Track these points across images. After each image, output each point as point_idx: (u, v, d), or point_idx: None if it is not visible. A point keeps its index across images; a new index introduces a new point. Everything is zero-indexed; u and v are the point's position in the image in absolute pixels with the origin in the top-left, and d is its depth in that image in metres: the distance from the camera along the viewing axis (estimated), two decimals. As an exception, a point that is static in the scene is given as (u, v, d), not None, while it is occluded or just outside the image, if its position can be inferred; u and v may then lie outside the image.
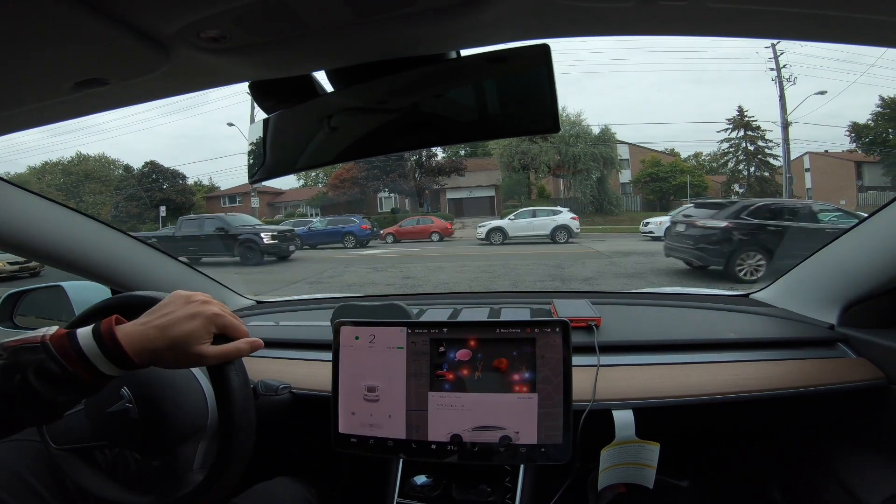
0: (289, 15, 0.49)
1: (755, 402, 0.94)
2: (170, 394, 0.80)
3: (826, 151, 24.18)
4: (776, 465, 1.21)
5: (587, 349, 1.02)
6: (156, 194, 25.22)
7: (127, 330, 0.63)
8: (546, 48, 0.52)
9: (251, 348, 0.72)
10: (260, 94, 0.68)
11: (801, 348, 1.06)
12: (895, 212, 0.94)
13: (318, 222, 17.17)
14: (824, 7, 0.47)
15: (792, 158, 19.21)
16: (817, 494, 1.08)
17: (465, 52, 0.59)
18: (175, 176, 26.67)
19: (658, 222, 13.90)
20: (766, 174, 23.83)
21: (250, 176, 0.73)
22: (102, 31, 0.47)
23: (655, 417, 0.94)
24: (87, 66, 0.55)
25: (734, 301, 1.37)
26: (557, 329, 0.85)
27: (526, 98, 0.55)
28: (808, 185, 24.46)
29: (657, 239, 13.30)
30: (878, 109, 23.17)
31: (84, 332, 0.61)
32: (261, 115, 0.71)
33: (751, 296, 1.38)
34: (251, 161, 0.74)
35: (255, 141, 0.72)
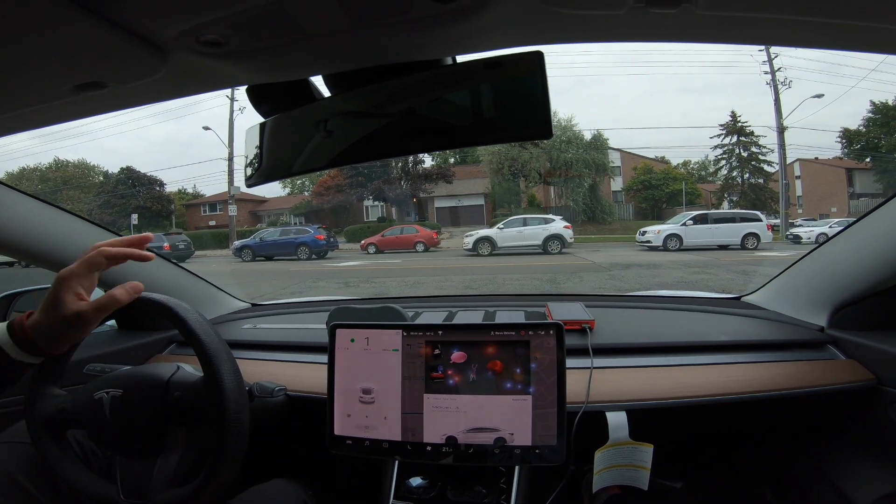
0: (287, 20, 0.49)
1: (747, 404, 0.95)
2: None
3: (816, 158, 24.14)
4: (768, 466, 1.22)
5: (581, 351, 1.03)
6: (131, 201, 24.20)
7: (34, 318, 0.70)
8: (540, 55, 0.53)
9: (127, 293, 0.72)
10: (257, 98, 0.68)
11: (791, 350, 1.07)
12: (884, 215, 0.96)
13: (269, 232, 16.51)
14: (815, 14, 0.48)
15: (779, 167, 19.13)
16: (809, 495, 1.09)
17: (460, 59, 0.60)
18: (152, 182, 25.59)
19: (656, 231, 13.57)
20: (761, 181, 23.64)
21: (247, 179, 0.74)
22: (101, 35, 0.48)
23: (649, 419, 0.95)
24: (86, 69, 0.55)
25: (725, 304, 1.38)
26: (551, 331, 0.86)
27: (519, 104, 0.56)
28: (799, 192, 24.43)
29: (655, 249, 12.92)
30: (870, 115, 23.24)
31: (1, 326, 0.70)
32: (240, 118, 0.72)
33: (742, 298, 1.40)
34: (248, 165, 0.74)
35: (251, 145, 0.73)
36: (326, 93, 0.66)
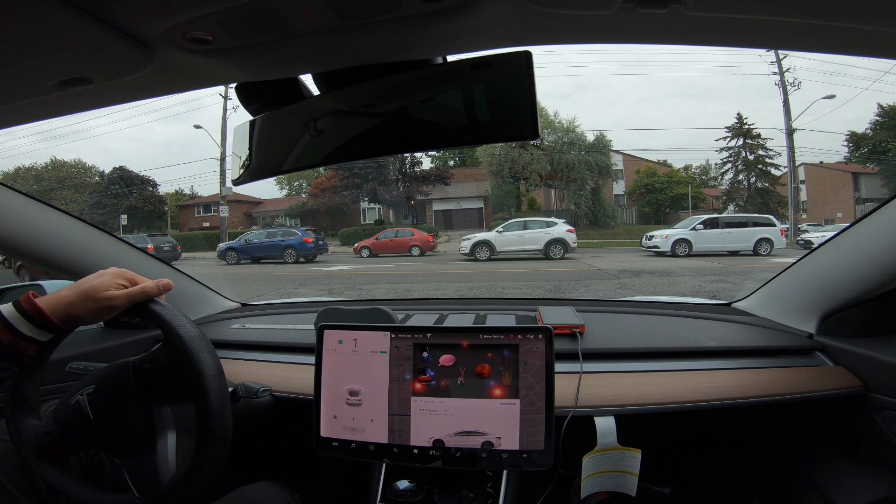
0: (275, 18, 0.49)
1: (735, 410, 0.95)
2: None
3: (821, 162, 23.65)
4: (756, 472, 1.22)
5: (570, 356, 1.03)
6: (122, 202, 23.43)
7: (46, 297, 0.71)
8: (528, 55, 0.53)
9: (158, 288, 0.75)
10: (246, 96, 0.68)
11: (780, 356, 1.07)
12: (873, 223, 0.96)
13: (255, 234, 15.91)
14: (805, 16, 0.48)
15: (788, 170, 18.35)
16: (795, 501, 1.09)
17: (450, 58, 0.60)
18: (145, 182, 24.81)
19: (664, 235, 12.77)
20: (767, 185, 22.73)
21: (234, 178, 0.73)
22: (87, 31, 0.47)
23: (637, 424, 0.95)
24: (71, 65, 0.55)
25: (716, 310, 1.38)
26: (541, 336, 0.85)
27: (506, 104, 0.56)
28: (804, 197, 23.77)
29: (662, 254, 12.15)
30: (877, 118, 22.60)
31: (7, 304, 0.69)
32: (234, 117, 0.71)
33: (732, 304, 1.40)
34: (236, 163, 0.74)
35: (240, 143, 0.72)
36: (316, 91, 0.66)
